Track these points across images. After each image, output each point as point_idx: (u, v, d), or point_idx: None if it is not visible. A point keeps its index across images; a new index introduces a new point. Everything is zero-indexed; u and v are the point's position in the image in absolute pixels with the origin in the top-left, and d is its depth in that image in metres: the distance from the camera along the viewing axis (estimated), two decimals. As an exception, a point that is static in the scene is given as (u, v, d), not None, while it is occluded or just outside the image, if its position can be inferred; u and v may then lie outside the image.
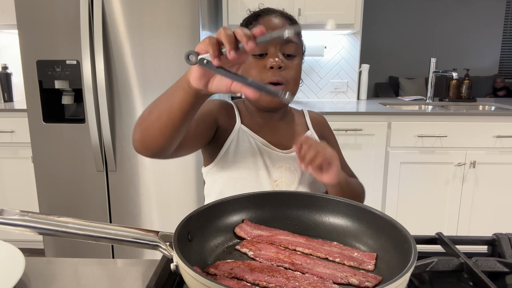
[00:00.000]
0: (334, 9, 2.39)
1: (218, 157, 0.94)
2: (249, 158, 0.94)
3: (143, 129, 0.71)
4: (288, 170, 0.96)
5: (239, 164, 0.94)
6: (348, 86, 2.84)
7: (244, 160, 0.93)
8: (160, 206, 2.06)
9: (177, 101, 0.64)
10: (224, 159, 0.94)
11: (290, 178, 0.95)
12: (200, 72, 0.59)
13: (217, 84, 0.60)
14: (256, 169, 0.94)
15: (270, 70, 0.88)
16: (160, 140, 0.69)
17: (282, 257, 0.57)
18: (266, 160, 0.95)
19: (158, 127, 0.68)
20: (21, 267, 0.60)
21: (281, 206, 0.68)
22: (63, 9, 1.88)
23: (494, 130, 2.19)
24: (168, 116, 0.65)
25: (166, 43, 1.90)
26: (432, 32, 5.43)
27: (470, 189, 2.25)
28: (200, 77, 0.59)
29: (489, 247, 0.71)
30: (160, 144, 0.70)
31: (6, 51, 2.67)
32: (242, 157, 0.94)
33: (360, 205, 0.64)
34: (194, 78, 0.60)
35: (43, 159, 2.03)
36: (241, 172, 0.93)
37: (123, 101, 1.96)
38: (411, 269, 0.45)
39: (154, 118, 0.68)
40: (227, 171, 0.94)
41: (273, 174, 0.94)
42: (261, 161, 0.94)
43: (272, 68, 0.88)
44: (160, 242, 0.54)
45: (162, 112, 0.66)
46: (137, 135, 0.73)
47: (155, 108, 0.68)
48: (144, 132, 0.70)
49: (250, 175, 0.93)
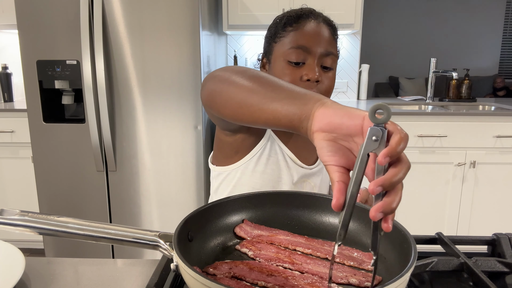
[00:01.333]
0: (334, 9, 2.39)
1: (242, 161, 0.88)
2: (276, 171, 0.89)
3: (218, 92, 0.61)
4: (308, 185, 0.94)
5: (266, 175, 0.89)
6: (348, 86, 2.84)
7: (272, 172, 0.89)
8: (160, 206, 2.06)
9: (276, 111, 0.50)
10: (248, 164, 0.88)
11: None
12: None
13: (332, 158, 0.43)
14: (281, 183, 0.90)
15: (305, 82, 0.84)
16: (224, 113, 0.61)
17: (282, 257, 0.57)
18: (293, 175, 0.91)
19: (233, 107, 0.57)
20: (21, 267, 0.60)
21: (281, 206, 0.68)
22: (63, 9, 1.88)
23: (494, 130, 2.19)
24: (250, 111, 0.54)
25: (166, 43, 1.90)
26: (432, 32, 5.43)
27: (470, 189, 2.25)
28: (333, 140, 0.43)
29: (489, 247, 0.71)
30: (222, 114, 0.62)
31: (6, 51, 2.67)
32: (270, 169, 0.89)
33: (360, 205, 0.64)
34: (324, 124, 0.43)
35: (43, 159, 2.03)
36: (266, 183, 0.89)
37: (123, 101, 1.96)
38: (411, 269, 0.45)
39: (239, 97, 0.56)
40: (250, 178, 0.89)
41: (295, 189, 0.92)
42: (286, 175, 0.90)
43: (308, 81, 0.84)
44: (160, 242, 0.54)
45: (250, 104, 0.54)
46: (209, 90, 0.64)
47: (251, 90, 0.55)
48: (217, 97, 0.61)
49: (274, 189, 0.89)
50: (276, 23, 0.90)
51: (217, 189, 0.95)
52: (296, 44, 0.84)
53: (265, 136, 0.89)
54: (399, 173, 0.38)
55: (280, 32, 0.88)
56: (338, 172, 0.42)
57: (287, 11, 0.91)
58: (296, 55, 0.84)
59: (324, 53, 0.85)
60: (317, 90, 0.85)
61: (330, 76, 0.87)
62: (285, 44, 0.86)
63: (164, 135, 1.98)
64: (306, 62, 0.85)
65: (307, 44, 0.84)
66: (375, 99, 3.10)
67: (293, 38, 0.85)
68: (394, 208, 0.39)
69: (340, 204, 0.40)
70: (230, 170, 0.90)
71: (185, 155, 2.00)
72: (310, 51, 0.84)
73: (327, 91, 0.87)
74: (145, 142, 1.99)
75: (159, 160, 2.00)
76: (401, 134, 0.38)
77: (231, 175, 0.90)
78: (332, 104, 0.44)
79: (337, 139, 0.43)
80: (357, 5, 2.39)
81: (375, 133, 0.39)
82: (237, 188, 0.90)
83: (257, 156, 0.88)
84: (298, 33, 0.85)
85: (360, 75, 2.82)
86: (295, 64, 0.85)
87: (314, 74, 0.83)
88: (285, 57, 0.85)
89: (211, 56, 2.21)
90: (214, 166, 0.94)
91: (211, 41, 2.23)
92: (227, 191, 0.92)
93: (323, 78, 0.86)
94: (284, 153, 0.90)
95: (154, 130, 1.98)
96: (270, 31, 0.92)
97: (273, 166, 0.89)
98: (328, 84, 0.87)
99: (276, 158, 0.89)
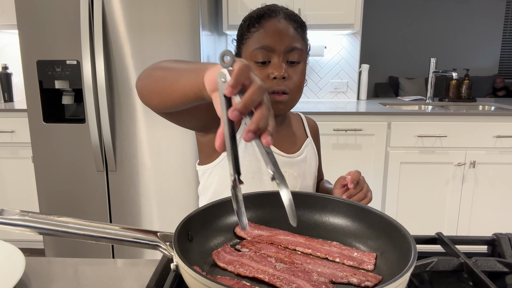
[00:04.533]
0: (334, 9, 2.39)
1: (220, 157, 0.91)
2: (254, 162, 0.91)
3: (143, 87, 0.70)
4: (291, 175, 0.95)
5: (244, 168, 0.90)
6: (348, 86, 2.84)
7: (249, 164, 0.91)
8: (160, 206, 2.06)
9: (182, 88, 0.58)
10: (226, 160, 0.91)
11: (292, 184, 0.94)
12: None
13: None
14: (261, 173, 0.91)
15: (273, 80, 0.87)
16: (153, 104, 0.69)
17: (282, 256, 0.57)
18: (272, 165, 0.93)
19: (156, 96, 0.66)
20: (21, 267, 0.60)
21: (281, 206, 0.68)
22: (63, 9, 1.88)
23: (494, 130, 2.19)
24: (167, 95, 0.63)
25: (166, 43, 1.90)
26: (432, 32, 5.43)
27: (470, 189, 2.25)
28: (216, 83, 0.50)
29: (489, 247, 0.71)
30: (153, 106, 0.70)
31: (6, 51, 2.67)
32: (247, 161, 0.91)
33: (360, 205, 0.64)
34: (209, 80, 0.51)
35: (43, 159, 2.03)
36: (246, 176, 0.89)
37: (123, 101, 1.96)
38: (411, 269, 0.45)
39: (157, 85, 0.66)
40: None
41: None
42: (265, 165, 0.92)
43: (275, 78, 0.86)
44: (160, 242, 0.54)
45: (164, 88, 0.63)
46: (137, 88, 0.73)
47: (163, 77, 0.65)
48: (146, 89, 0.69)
49: (254, 180, 0.91)
50: (241, 24, 0.93)
51: (203, 188, 0.98)
52: (259, 45, 0.87)
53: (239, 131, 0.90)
54: (250, 94, 0.43)
55: (245, 33, 0.91)
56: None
57: (252, 11, 0.93)
58: (261, 55, 0.87)
59: (288, 49, 0.87)
60: (286, 87, 0.88)
61: (298, 70, 0.90)
62: (250, 45, 0.89)
63: (164, 135, 1.98)
64: (272, 60, 0.87)
65: (270, 43, 0.86)
66: (375, 99, 3.10)
67: (256, 39, 0.88)
68: (262, 125, 0.43)
69: (221, 144, 0.46)
70: (211, 167, 0.93)
71: (185, 155, 2.00)
72: (274, 50, 0.87)
73: (296, 85, 0.90)
74: (145, 142, 1.99)
75: (159, 160, 2.00)
76: (240, 66, 0.44)
77: (213, 172, 0.93)
78: (213, 67, 0.51)
79: None
80: (357, 5, 2.39)
81: (221, 76, 0.46)
82: (219, 184, 0.93)
83: None
84: (260, 34, 0.88)
85: (360, 75, 2.82)
86: (261, 64, 0.88)
87: (280, 72, 0.86)
88: (252, 58, 0.88)
89: (211, 56, 2.21)
90: (199, 166, 0.98)
91: (211, 41, 2.23)
92: (211, 187, 0.94)
93: (290, 74, 0.88)
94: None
95: (154, 130, 1.98)
96: (238, 32, 0.94)
97: (250, 158, 0.91)
98: (296, 79, 0.90)
99: (253, 150, 0.91)
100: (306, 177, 1.00)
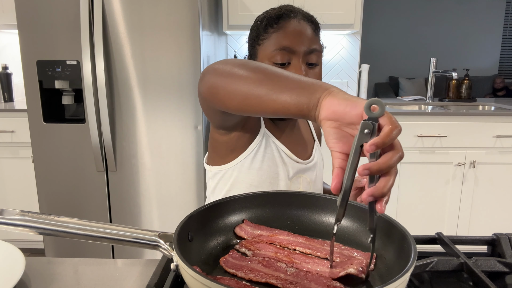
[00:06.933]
0: (334, 9, 2.39)
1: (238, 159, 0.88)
2: (273, 167, 0.89)
3: (220, 84, 0.62)
4: (304, 180, 0.94)
5: (262, 172, 0.88)
6: (348, 86, 2.84)
7: (268, 169, 0.88)
8: (160, 206, 2.06)
9: (285, 101, 0.52)
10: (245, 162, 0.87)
11: (306, 189, 0.94)
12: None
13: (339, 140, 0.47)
14: (278, 179, 0.90)
15: None
16: (229, 105, 0.62)
17: (281, 256, 0.57)
18: (289, 170, 0.91)
19: (238, 99, 0.59)
20: (21, 267, 0.60)
21: (281, 206, 0.68)
22: (63, 9, 1.88)
23: (494, 130, 2.19)
24: (257, 102, 0.56)
25: (166, 43, 1.90)
26: (432, 32, 5.43)
27: (470, 189, 2.25)
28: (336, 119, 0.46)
29: (489, 247, 0.71)
30: (226, 106, 0.63)
31: (6, 51, 2.67)
32: (266, 165, 0.88)
33: (360, 205, 0.64)
34: (332, 111, 0.46)
35: (43, 159, 2.03)
36: (264, 180, 0.88)
37: (123, 101, 1.96)
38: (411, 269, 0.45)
39: (245, 88, 0.58)
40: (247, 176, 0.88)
41: (292, 185, 0.91)
42: (282, 171, 0.90)
43: None
44: (160, 242, 0.54)
45: (258, 95, 0.56)
46: (209, 83, 0.65)
47: (258, 82, 0.56)
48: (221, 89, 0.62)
49: (272, 185, 0.89)
50: (257, 25, 0.90)
51: (214, 189, 0.94)
52: (279, 46, 0.85)
53: (260, 133, 0.88)
54: (388, 159, 0.42)
55: (262, 34, 0.88)
56: (339, 158, 0.47)
57: (266, 11, 0.91)
58: (280, 56, 0.85)
59: (308, 51, 0.86)
60: None
61: (316, 72, 0.89)
62: (269, 46, 0.87)
63: (164, 135, 1.98)
64: (292, 62, 0.86)
65: (290, 44, 0.85)
66: (375, 99, 3.10)
67: (275, 40, 0.86)
68: (385, 193, 0.43)
69: (338, 187, 0.45)
70: (226, 169, 0.90)
71: (185, 155, 2.00)
72: (294, 51, 0.85)
73: None
74: (145, 142, 1.99)
75: (159, 160, 2.00)
76: (392, 126, 0.41)
77: (227, 174, 0.90)
78: (338, 93, 0.47)
79: (342, 126, 0.46)
80: (357, 5, 2.39)
81: (366, 126, 0.42)
82: (234, 187, 0.90)
83: (253, 153, 0.88)
84: (280, 34, 0.86)
85: (360, 75, 2.82)
86: (281, 65, 0.85)
87: (300, 73, 0.84)
88: (270, 59, 0.86)
89: (211, 56, 2.21)
90: (210, 167, 0.93)
91: (211, 41, 2.23)
92: (224, 190, 0.91)
93: (310, 75, 0.87)
94: (279, 149, 0.90)
95: (154, 130, 1.98)
96: (252, 33, 0.92)
97: (269, 162, 0.89)
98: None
99: (272, 154, 0.89)
100: (317, 181, 0.99)
